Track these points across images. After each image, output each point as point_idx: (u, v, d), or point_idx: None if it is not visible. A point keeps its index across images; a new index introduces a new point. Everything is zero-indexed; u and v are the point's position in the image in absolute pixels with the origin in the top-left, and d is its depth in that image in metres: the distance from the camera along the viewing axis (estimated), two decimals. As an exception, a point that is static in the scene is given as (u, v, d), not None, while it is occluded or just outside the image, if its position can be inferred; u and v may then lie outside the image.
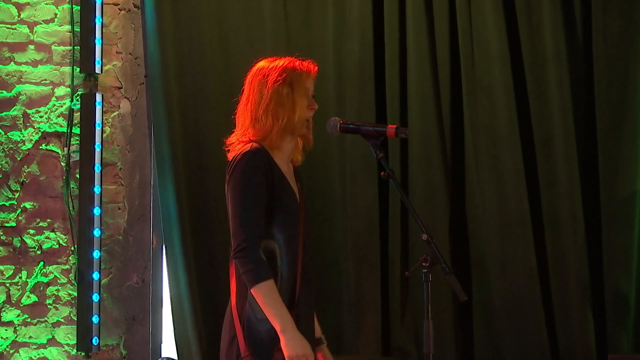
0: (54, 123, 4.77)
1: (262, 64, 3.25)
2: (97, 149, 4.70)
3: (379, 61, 4.60)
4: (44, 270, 4.72)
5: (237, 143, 3.20)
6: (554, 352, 4.41)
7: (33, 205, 4.75)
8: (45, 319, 4.71)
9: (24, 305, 4.71)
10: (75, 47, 4.78)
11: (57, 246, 4.73)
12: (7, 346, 4.68)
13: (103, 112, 4.76)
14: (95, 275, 4.64)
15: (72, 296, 4.70)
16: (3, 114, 4.76)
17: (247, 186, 3.09)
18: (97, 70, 4.74)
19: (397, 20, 4.57)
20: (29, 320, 4.70)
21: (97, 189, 4.68)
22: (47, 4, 4.81)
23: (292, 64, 3.22)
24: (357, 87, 4.58)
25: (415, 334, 4.48)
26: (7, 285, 4.70)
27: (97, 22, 4.73)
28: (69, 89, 4.78)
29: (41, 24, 4.82)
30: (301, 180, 3.34)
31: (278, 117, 3.16)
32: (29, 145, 4.76)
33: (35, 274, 4.72)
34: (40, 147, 4.77)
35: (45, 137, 4.77)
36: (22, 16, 4.81)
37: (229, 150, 3.22)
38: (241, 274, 3.09)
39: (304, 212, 3.21)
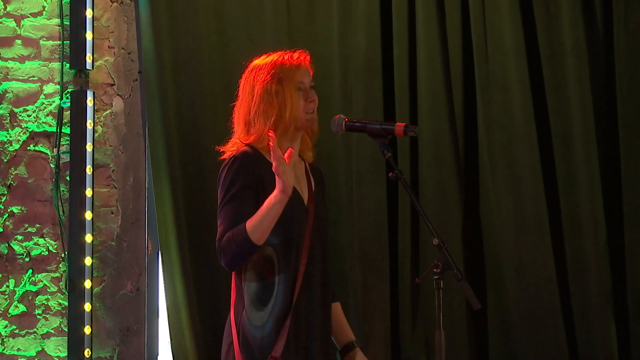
0: (42, 122, 4.80)
1: (254, 62, 3.29)
2: (89, 150, 4.73)
3: (387, 55, 4.62)
4: (33, 278, 4.75)
5: (229, 148, 3.25)
6: (573, 362, 4.43)
7: (21, 209, 4.78)
8: (34, 330, 4.74)
9: (11, 315, 4.74)
10: (64, 42, 4.81)
11: (47, 253, 4.76)
12: (-6, 359, 4.71)
13: (94, 111, 4.78)
14: (87, 284, 4.67)
15: (63, 306, 4.72)
16: (-11, 113, 4.80)
17: (230, 191, 3.15)
18: (88, 66, 4.77)
19: (406, 12, 4.59)
20: (17, 331, 4.73)
21: (88, 192, 4.71)
22: (34, -4, 4.85)
23: (281, 59, 3.25)
24: (363, 82, 4.60)
25: (426, 344, 4.49)
26: (-6, 294, 4.74)
27: (87, 15, 4.76)
28: (58, 86, 4.81)
29: (28, 17, 4.85)
30: (318, 179, 3.37)
31: (268, 117, 3.20)
32: (16, 146, 4.79)
33: (23, 283, 4.74)
34: (28, 148, 4.80)
35: (33, 137, 4.80)
36: (8, 9, 4.84)
37: (221, 158, 3.27)
38: (227, 267, 3.16)
39: (313, 214, 3.24)
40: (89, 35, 4.76)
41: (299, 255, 3.19)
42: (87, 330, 4.65)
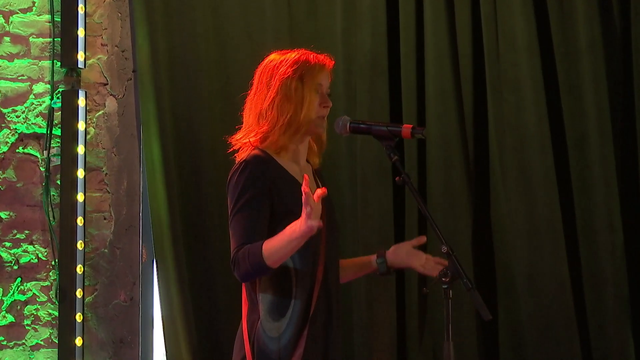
0: (32, 123, 4.80)
1: (273, 56, 3.31)
2: (80, 153, 4.72)
3: (393, 53, 4.61)
4: (22, 287, 4.74)
5: (240, 147, 3.24)
6: (589, 375, 4.42)
7: (9, 215, 4.77)
8: (23, 341, 4.73)
9: (-1, 326, 4.74)
10: (55, 39, 4.81)
11: (36, 260, 4.76)
12: (-19, 372, 4.71)
13: (87, 111, 4.78)
14: (79, 293, 4.66)
15: (53, 316, 4.72)
16: (-24, 113, 4.79)
17: (243, 198, 3.14)
18: (80, 65, 4.77)
19: (413, 8, 4.59)
20: (5, 342, 4.72)
21: (80, 197, 4.70)
22: (24, -9, 4.85)
23: (305, 56, 3.27)
24: (368, 82, 4.60)
25: (434, 357, 4.49)
26: (-19, 304, 4.74)
27: (79, 11, 4.76)
28: (48, 86, 4.81)
29: (18, 13, 4.84)
30: (325, 184, 3.37)
31: (283, 112, 3.20)
32: (4, 149, 4.79)
33: (11, 292, 4.74)
34: (17, 150, 4.79)
35: (22, 139, 4.80)
36: (-4, 5, 4.85)
37: (229, 152, 3.27)
38: (241, 280, 3.16)
39: (326, 221, 3.23)
40: (80, 32, 4.76)
41: (316, 264, 3.21)
42: (79, 341, 4.64)
